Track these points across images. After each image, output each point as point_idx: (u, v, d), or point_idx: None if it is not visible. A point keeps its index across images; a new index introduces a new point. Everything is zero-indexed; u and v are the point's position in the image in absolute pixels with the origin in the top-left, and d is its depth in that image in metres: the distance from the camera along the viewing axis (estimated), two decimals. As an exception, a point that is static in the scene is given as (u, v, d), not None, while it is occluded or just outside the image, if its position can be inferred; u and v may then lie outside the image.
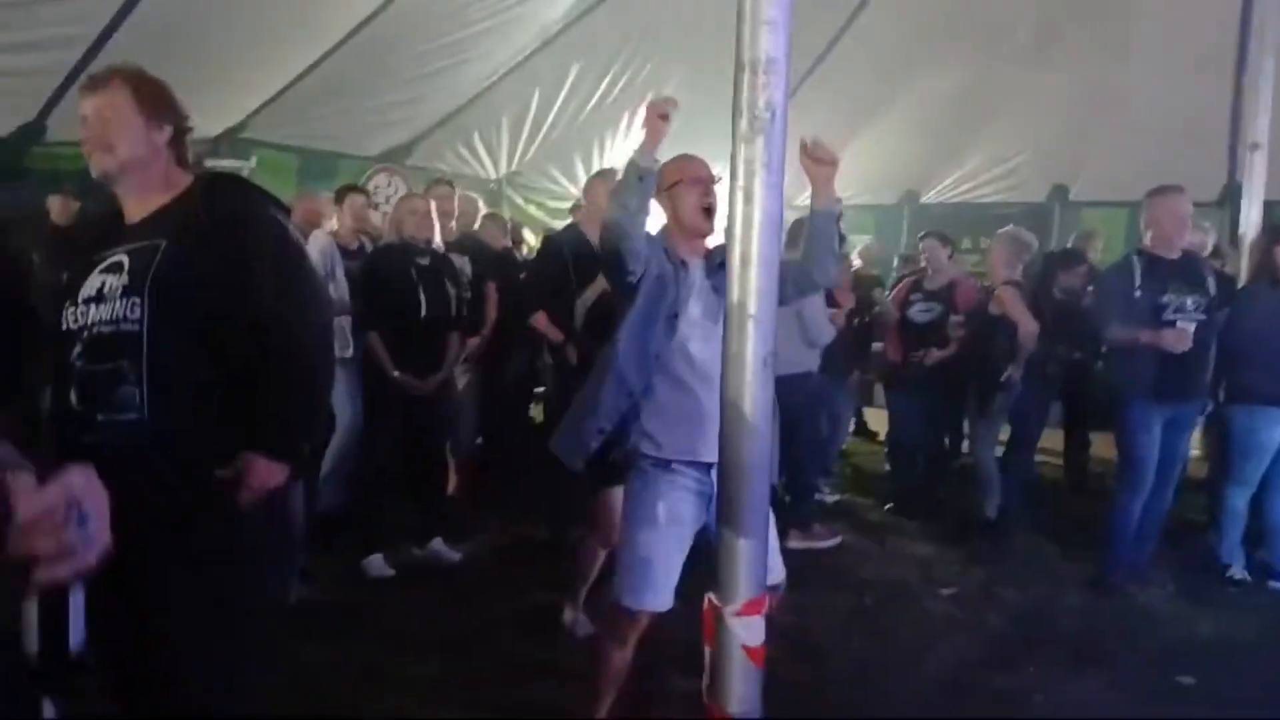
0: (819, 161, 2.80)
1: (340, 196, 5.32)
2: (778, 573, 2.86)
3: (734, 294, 1.91)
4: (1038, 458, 6.18)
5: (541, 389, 5.96)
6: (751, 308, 1.88)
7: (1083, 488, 6.56)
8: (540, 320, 4.60)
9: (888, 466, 6.65)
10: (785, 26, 1.81)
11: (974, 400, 5.71)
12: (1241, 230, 5.46)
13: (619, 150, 8.81)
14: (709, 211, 2.88)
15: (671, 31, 7.55)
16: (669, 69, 7.78)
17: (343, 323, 4.70)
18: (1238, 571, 4.87)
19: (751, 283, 1.89)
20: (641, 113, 2.83)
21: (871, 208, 10.35)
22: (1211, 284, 4.65)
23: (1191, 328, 4.39)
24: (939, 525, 5.70)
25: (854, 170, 10.01)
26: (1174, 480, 4.76)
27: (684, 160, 2.92)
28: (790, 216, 10.20)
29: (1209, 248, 5.95)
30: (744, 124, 1.84)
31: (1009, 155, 9.35)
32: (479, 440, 6.09)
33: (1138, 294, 4.51)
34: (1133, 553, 4.74)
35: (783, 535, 5.22)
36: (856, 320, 6.17)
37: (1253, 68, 5.54)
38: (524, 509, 5.35)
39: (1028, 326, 5.35)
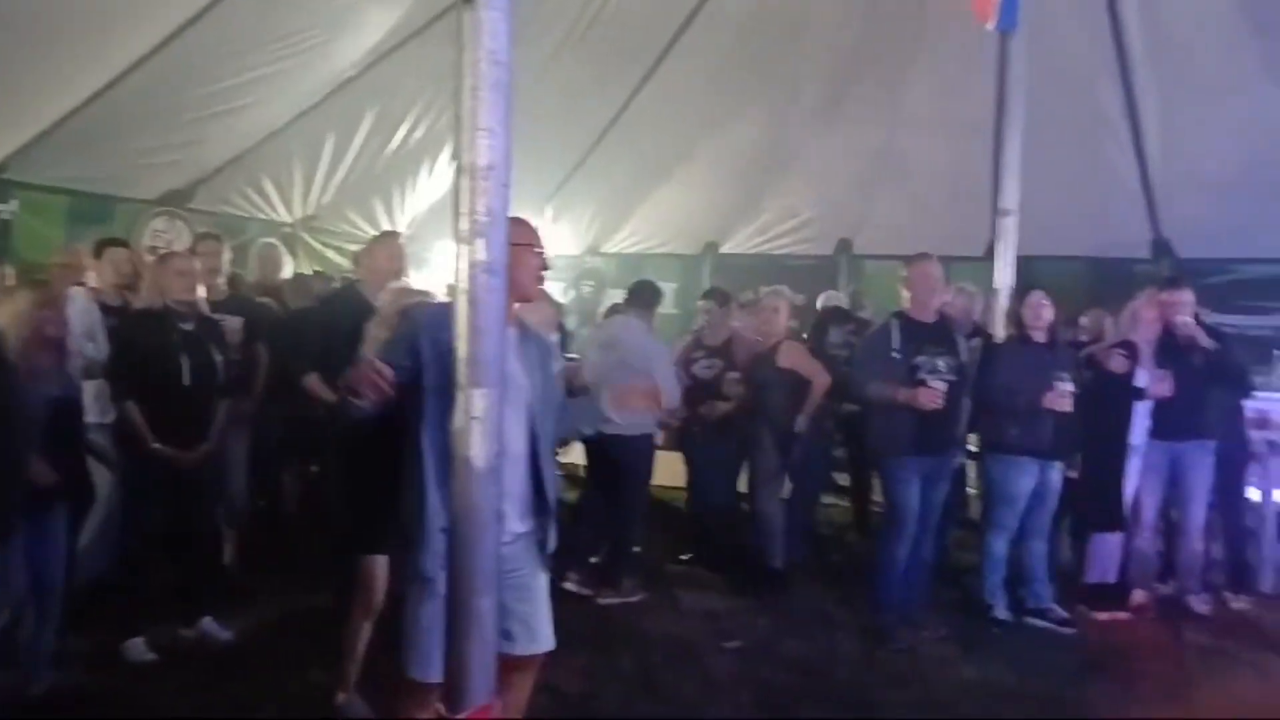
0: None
1: (99, 251, 4.96)
2: (546, 642, 2.83)
3: (461, 397, 1.87)
4: (832, 501, 6.48)
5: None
6: (477, 409, 1.84)
7: (869, 530, 6.87)
8: (313, 383, 4.42)
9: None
10: (504, 134, 1.82)
11: (760, 451, 5.89)
12: (995, 285, 5.90)
13: (420, 194, 8.69)
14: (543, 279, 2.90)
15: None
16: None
17: (104, 386, 4.40)
18: (1000, 612, 5.22)
19: (479, 386, 1.86)
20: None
21: (676, 257, 10.61)
22: (962, 346, 5.01)
23: (943, 387, 4.71)
24: (733, 577, 5.82)
25: (659, 220, 10.32)
26: (934, 529, 5.07)
27: (524, 223, 2.77)
28: (594, 263, 10.45)
29: (975, 310, 6.36)
30: (465, 227, 1.82)
31: (800, 210, 9.80)
32: (261, 503, 5.79)
33: (895, 355, 4.81)
34: (903, 599, 5.00)
35: (596, 592, 5.32)
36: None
37: (1003, 140, 6.01)
38: (307, 574, 5.09)
39: (821, 379, 5.61)
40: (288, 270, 6.50)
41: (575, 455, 6.15)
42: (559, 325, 5.85)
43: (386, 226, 8.33)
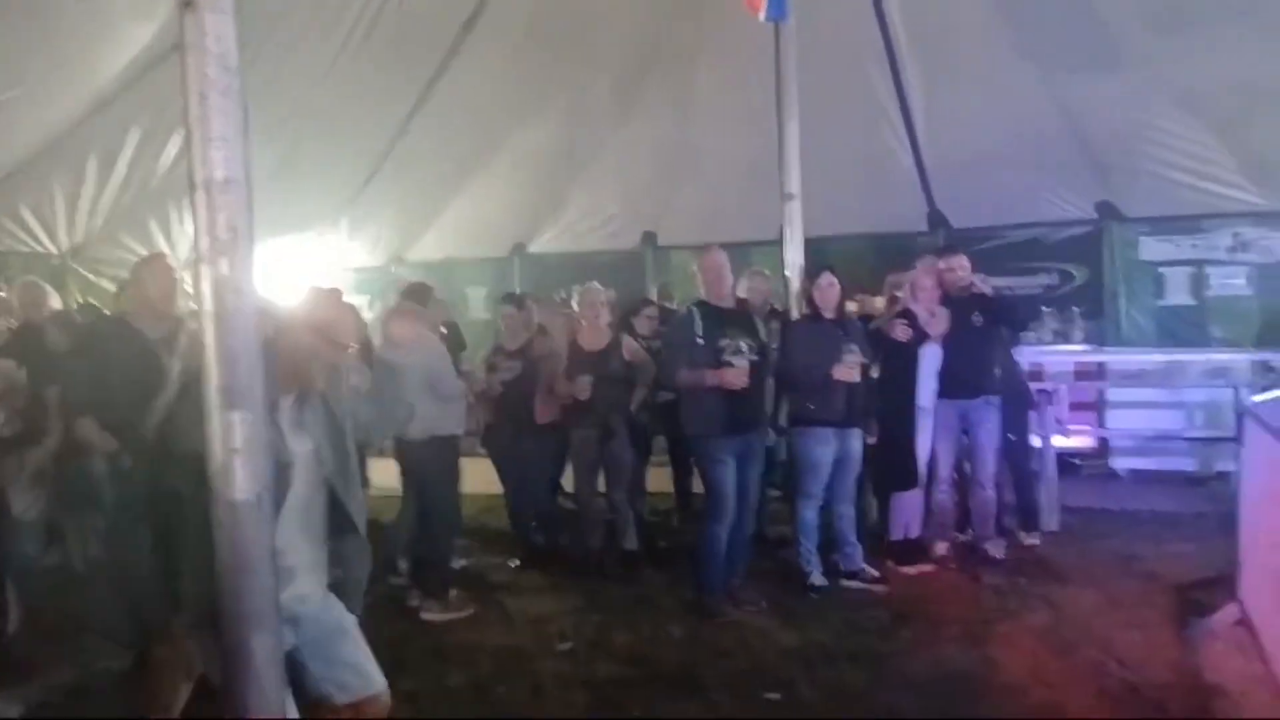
0: None
1: None
2: (377, 683, 2.75)
3: (216, 425, 1.75)
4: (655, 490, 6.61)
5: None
6: (236, 439, 1.74)
7: (691, 515, 7.01)
8: (86, 429, 4.07)
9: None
10: (239, 144, 1.71)
11: (614, 444, 5.91)
12: (787, 271, 6.15)
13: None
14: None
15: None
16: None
17: None
18: (816, 577, 5.45)
19: (236, 410, 1.75)
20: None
21: (485, 260, 10.50)
22: (761, 327, 5.19)
23: (747, 367, 4.87)
24: (562, 578, 5.81)
25: (464, 224, 10.17)
26: (752, 506, 5.24)
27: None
28: (400, 272, 10.15)
29: (773, 293, 6.60)
30: (205, 245, 1.71)
31: (604, 205, 9.91)
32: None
33: (699, 340, 4.94)
34: (725, 576, 5.14)
35: (420, 606, 5.19)
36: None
37: (783, 128, 6.25)
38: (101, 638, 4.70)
39: (650, 368, 5.70)
40: (53, 305, 5.97)
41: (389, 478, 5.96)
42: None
43: (165, 248, 7.80)
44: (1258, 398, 5.24)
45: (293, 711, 2.29)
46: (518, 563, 6.17)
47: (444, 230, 10.27)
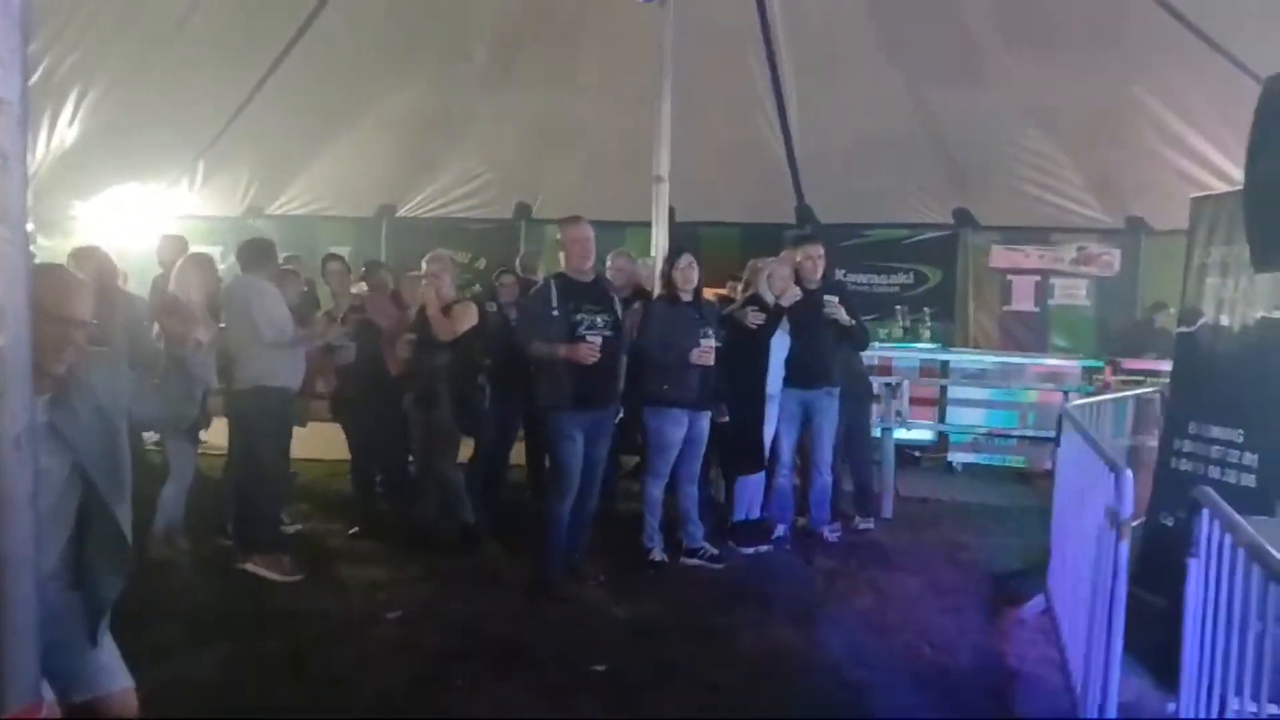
0: None
1: None
2: (121, 680, 2.54)
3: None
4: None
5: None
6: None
7: (542, 488, 6.99)
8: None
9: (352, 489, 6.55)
10: (18, 65, 1.58)
11: (439, 414, 5.81)
12: (653, 253, 6.19)
13: (44, 149, 7.65)
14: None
15: None
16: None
17: None
18: (657, 554, 5.52)
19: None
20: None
21: (349, 220, 10.18)
22: (618, 304, 5.20)
23: (599, 342, 4.86)
24: (401, 547, 5.71)
25: (328, 181, 9.82)
26: (598, 482, 5.24)
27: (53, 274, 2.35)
28: (257, 225, 9.71)
29: (637, 274, 6.61)
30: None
31: (477, 173, 9.73)
32: None
33: (555, 313, 4.90)
34: (567, 551, 5.15)
35: (242, 558, 5.01)
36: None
37: (658, 110, 6.26)
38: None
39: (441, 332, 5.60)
40: None
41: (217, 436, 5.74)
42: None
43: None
44: (1074, 402, 5.58)
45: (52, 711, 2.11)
46: (356, 529, 6.03)
47: (306, 185, 9.89)
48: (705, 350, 5.30)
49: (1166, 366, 6.30)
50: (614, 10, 7.73)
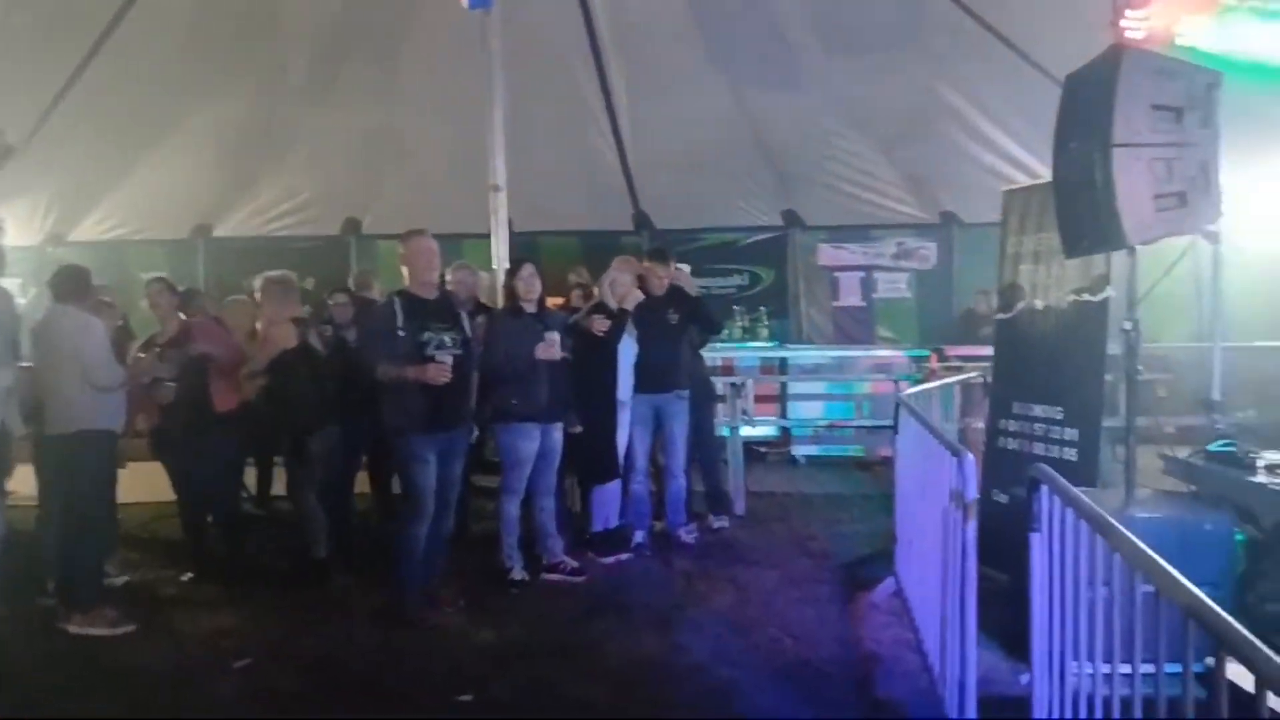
0: None
1: None
2: None
3: None
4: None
5: None
6: None
7: (390, 514, 6.74)
8: None
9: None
10: None
11: (286, 446, 5.54)
12: (494, 265, 6.08)
13: None
14: None
15: None
16: None
17: None
18: (518, 572, 5.40)
19: None
20: None
21: (161, 243, 9.54)
22: (466, 320, 5.06)
23: (450, 362, 4.71)
24: (242, 589, 5.36)
25: (137, 203, 9.18)
26: (453, 504, 5.08)
27: None
28: (59, 254, 8.96)
29: (481, 287, 6.49)
30: None
31: (300, 190, 9.33)
32: None
33: (401, 333, 4.71)
34: (422, 577, 4.96)
35: (64, 618, 4.57)
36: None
37: (490, 119, 6.16)
38: None
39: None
40: None
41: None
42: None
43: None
44: (910, 390, 5.85)
45: None
46: (191, 575, 5.62)
47: (113, 209, 9.22)
48: (549, 345, 5.22)
49: (987, 351, 6.68)
50: (436, 20, 7.59)
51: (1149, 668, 2.00)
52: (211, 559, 5.70)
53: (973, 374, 7.02)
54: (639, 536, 6.05)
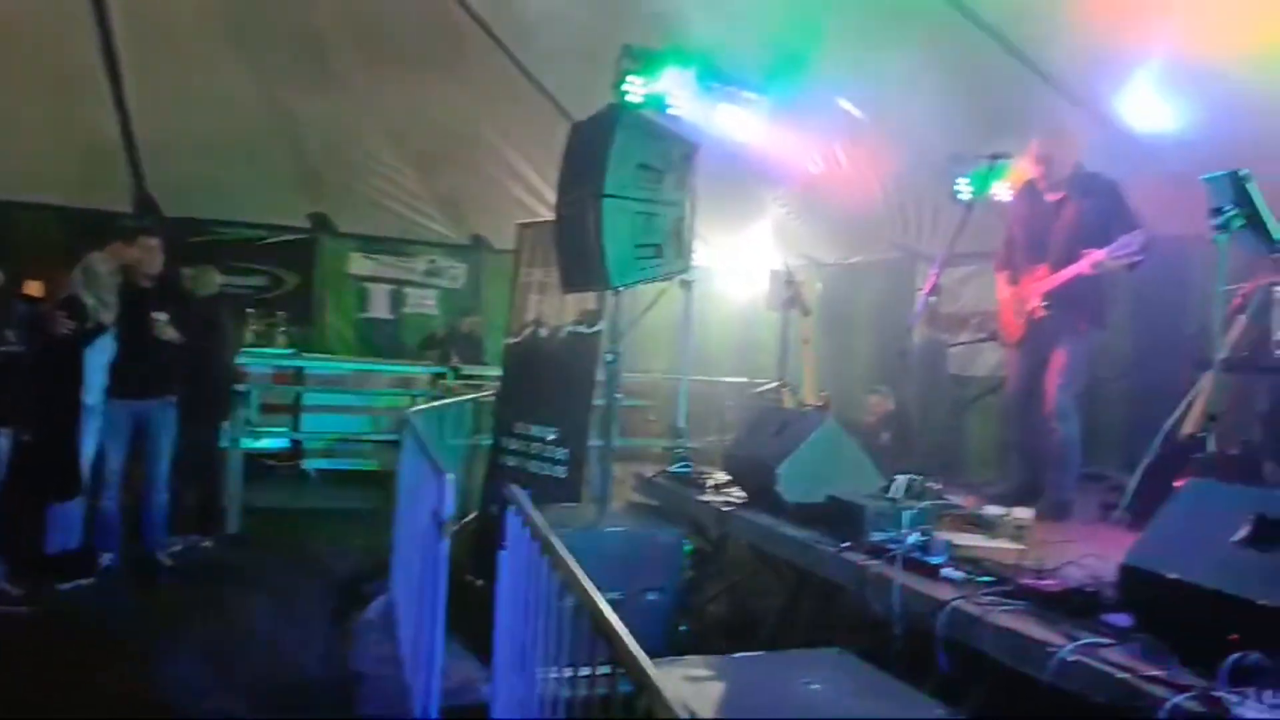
0: None
1: None
2: None
3: None
4: None
5: None
6: None
7: None
8: None
9: None
10: None
11: None
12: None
13: None
14: None
15: None
16: None
17: None
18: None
19: None
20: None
21: None
22: None
23: None
24: None
25: None
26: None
27: None
28: None
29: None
30: None
31: None
32: None
33: None
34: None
35: None
36: None
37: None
38: None
39: None
40: None
41: None
42: None
43: None
44: (418, 407, 5.92)
45: None
46: None
47: None
48: None
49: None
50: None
51: (587, 670, 2.17)
52: None
53: (488, 393, 7.29)
54: (108, 559, 5.36)
